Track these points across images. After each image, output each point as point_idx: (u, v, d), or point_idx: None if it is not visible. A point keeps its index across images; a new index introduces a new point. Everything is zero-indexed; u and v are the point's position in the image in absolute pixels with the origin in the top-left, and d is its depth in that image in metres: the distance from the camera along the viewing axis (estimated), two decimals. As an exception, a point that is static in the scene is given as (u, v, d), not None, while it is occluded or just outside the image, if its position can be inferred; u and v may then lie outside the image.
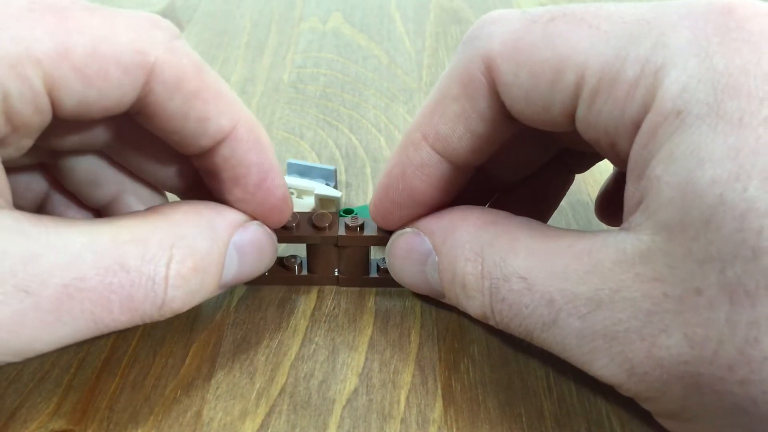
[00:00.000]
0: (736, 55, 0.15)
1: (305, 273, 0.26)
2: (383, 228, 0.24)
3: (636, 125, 0.16)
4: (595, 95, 0.17)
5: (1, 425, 0.20)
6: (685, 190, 0.15)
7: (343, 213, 0.26)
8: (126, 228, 0.18)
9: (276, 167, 0.21)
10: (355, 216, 0.24)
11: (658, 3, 0.17)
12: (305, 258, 0.26)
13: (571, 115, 0.18)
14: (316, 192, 0.29)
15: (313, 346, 0.23)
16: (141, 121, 0.19)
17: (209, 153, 0.20)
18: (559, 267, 0.17)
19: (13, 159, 0.18)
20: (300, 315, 0.25)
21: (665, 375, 0.16)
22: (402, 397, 0.21)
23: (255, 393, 0.22)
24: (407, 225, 0.23)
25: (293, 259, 0.26)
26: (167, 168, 0.23)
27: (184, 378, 0.22)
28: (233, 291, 0.25)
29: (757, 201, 0.14)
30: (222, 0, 0.51)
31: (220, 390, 0.22)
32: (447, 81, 0.20)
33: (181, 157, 0.22)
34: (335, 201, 0.29)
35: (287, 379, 0.22)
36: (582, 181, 0.32)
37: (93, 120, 0.19)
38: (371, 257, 0.26)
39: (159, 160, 0.22)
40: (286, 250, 0.27)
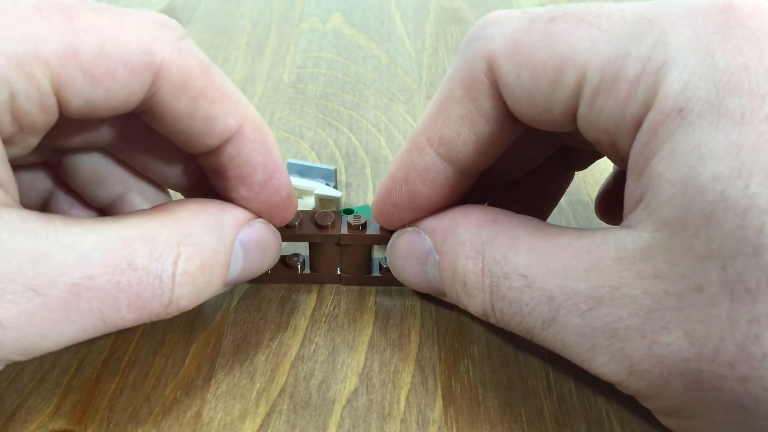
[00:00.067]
0: (737, 53, 0.15)
1: (308, 271, 0.26)
2: (385, 228, 0.24)
3: (637, 124, 0.16)
4: (596, 94, 0.17)
5: (1, 425, 0.20)
6: (687, 186, 0.15)
7: (343, 213, 0.26)
8: (134, 226, 0.18)
9: (281, 166, 0.21)
10: (358, 215, 0.24)
11: (658, 1, 0.17)
12: (308, 256, 0.26)
13: (573, 115, 0.18)
14: (316, 192, 0.29)
15: (313, 346, 0.23)
16: (147, 120, 0.19)
17: (215, 152, 0.20)
18: (560, 264, 0.17)
19: (19, 157, 0.18)
20: (300, 315, 0.25)
21: (665, 372, 0.16)
22: (402, 397, 0.21)
23: (255, 393, 0.22)
24: (408, 225, 0.23)
25: (296, 258, 0.26)
26: (172, 166, 0.23)
27: (184, 378, 0.22)
28: (233, 291, 0.25)
29: (759, 198, 0.14)
30: (222, 0, 0.51)
31: (220, 390, 0.22)
32: (449, 83, 0.20)
33: (186, 156, 0.22)
34: (335, 201, 0.29)
35: (287, 379, 0.22)
36: (582, 181, 0.32)
37: (99, 119, 0.19)
38: (373, 256, 0.26)
39: (164, 158, 0.22)
40: (288, 248, 0.27)
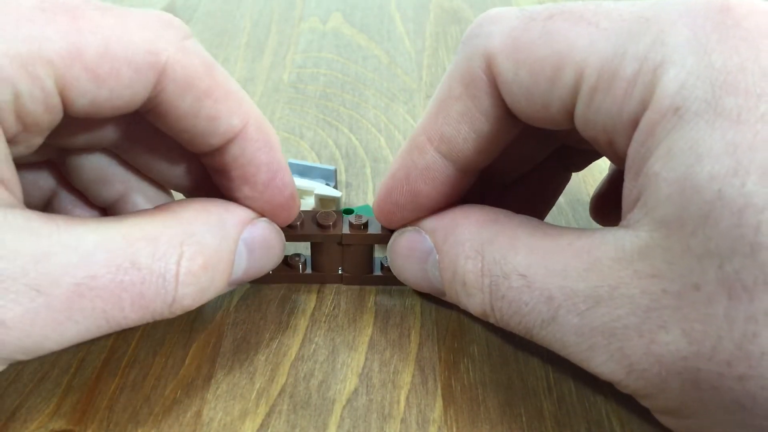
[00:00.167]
0: (733, 53, 0.15)
1: (309, 271, 0.26)
2: (386, 227, 0.24)
3: (634, 122, 0.16)
4: (594, 92, 0.17)
5: (1, 425, 0.20)
6: (683, 185, 0.15)
7: (343, 213, 0.26)
8: (137, 226, 0.18)
9: (284, 166, 0.21)
10: (360, 214, 0.24)
11: (656, 0, 0.17)
12: (309, 256, 0.26)
13: (570, 113, 0.18)
14: (316, 192, 0.29)
15: (313, 346, 0.23)
16: (151, 120, 0.20)
17: (219, 151, 0.20)
18: (559, 264, 0.17)
19: (23, 156, 0.18)
20: (300, 315, 0.25)
21: (664, 371, 0.16)
22: (402, 397, 0.21)
23: (255, 393, 0.22)
24: (409, 224, 0.23)
25: (297, 258, 0.26)
26: (175, 166, 0.23)
27: (184, 378, 0.22)
28: (233, 291, 0.25)
29: (755, 196, 0.14)
30: (222, 0, 0.51)
31: (220, 390, 0.22)
32: (449, 81, 0.20)
33: (190, 155, 0.22)
34: (335, 201, 0.29)
35: (287, 379, 0.22)
36: (581, 181, 0.32)
37: (103, 119, 0.19)
38: (375, 255, 0.26)
39: (167, 158, 0.22)
40: (290, 248, 0.27)
